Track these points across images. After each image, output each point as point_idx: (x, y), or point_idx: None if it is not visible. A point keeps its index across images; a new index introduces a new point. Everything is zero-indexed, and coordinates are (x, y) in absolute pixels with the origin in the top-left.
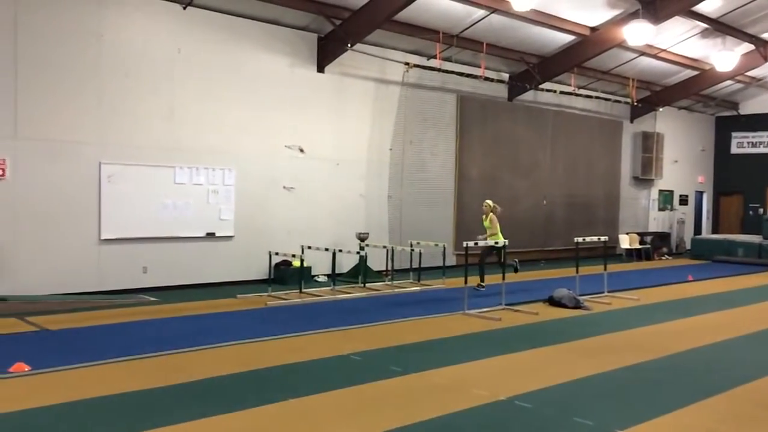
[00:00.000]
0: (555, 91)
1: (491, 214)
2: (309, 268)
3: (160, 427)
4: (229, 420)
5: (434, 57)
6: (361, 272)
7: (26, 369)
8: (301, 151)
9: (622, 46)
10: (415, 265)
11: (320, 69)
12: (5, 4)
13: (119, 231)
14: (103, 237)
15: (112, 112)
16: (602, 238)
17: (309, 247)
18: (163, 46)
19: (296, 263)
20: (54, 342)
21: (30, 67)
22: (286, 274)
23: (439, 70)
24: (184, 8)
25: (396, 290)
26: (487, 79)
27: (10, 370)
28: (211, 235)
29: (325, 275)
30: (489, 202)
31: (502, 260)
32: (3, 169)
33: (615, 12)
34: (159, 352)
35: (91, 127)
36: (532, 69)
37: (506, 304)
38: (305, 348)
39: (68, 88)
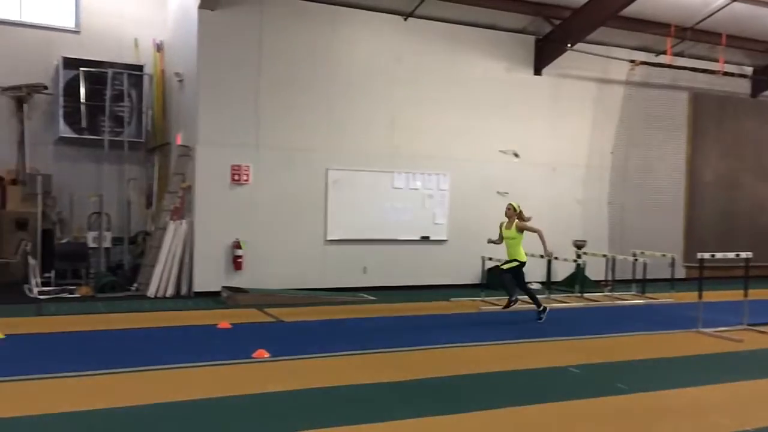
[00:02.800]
0: None
1: (517, 220)
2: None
3: (383, 422)
4: (446, 422)
5: (664, 52)
6: (578, 281)
7: (266, 355)
8: (516, 155)
9: None
10: (639, 276)
11: (537, 71)
12: (253, 29)
13: (343, 233)
14: (328, 238)
15: (339, 122)
16: None
17: None
18: (385, 56)
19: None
20: (289, 332)
21: (270, 83)
22: (498, 279)
23: (669, 66)
24: (405, 19)
25: (617, 302)
26: (726, 73)
27: (253, 355)
28: (425, 239)
29: (538, 282)
30: (514, 203)
31: (506, 268)
32: (248, 175)
33: None
34: (381, 349)
35: (320, 136)
36: None
37: (749, 324)
38: (520, 356)
39: (302, 101)
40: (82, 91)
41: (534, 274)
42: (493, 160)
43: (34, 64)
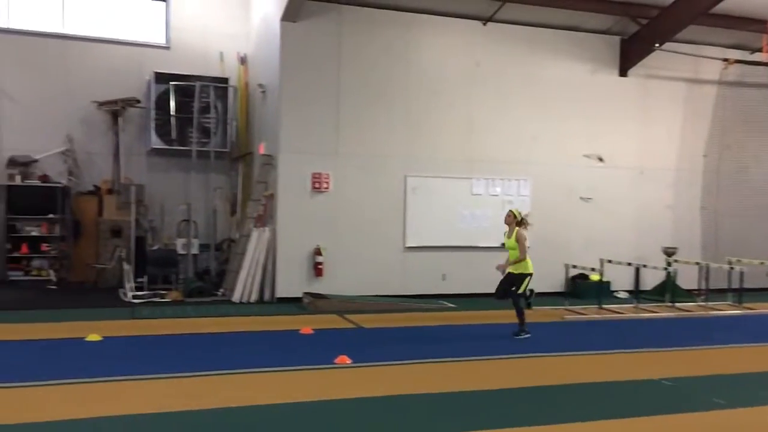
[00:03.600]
0: None
1: (517, 228)
2: (608, 283)
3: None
4: None
5: (759, 50)
6: (668, 290)
7: (348, 362)
8: (600, 159)
9: None
10: (735, 285)
11: (623, 73)
12: (332, 38)
13: (421, 239)
14: (407, 245)
15: (417, 128)
16: None
17: (609, 261)
18: (463, 61)
19: (594, 277)
20: (370, 339)
21: (349, 91)
22: (582, 287)
23: (765, 64)
24: (484, 24)
25: (711, 312)
26: None
27: (335, 361)
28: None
29: (626, 291)
30: (514, 210)
31: (520, 295)
32: (328, 182)
33: None
34: (464, 357)
35: (398, 142)
36: None
37: None
38: (609, 367)
39: (380, 108)
40: (172, 104)
41: (621, 282)
42: (577, 165)
43: (128, 79)
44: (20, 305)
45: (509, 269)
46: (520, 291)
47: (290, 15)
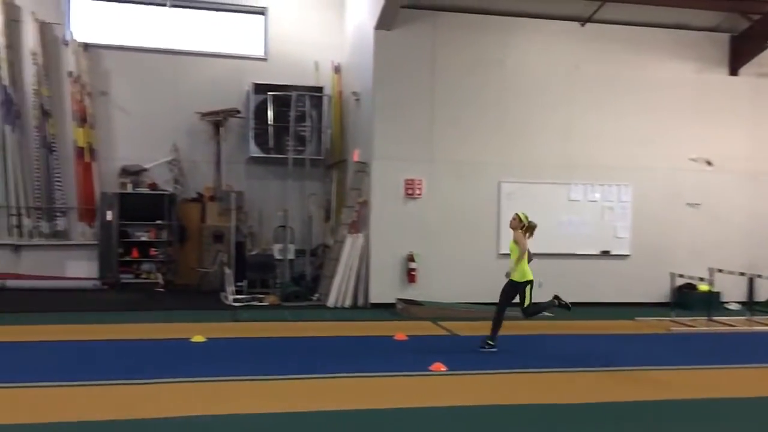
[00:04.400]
0: None
1: (518, 231)
2: (718, 294)
3: None
4: None
5: None
6: None
7: (443, 369)
8: (709, 164)
9: None
10: None
11: (733, 72)
12: (426, 44)
13: None
14: (501, 251)
15: (512, 133)
16: None
17: (719, 270)
18: (560, 64)
19: (703, 287)
20: (464, 346)
21: (443, 97)
22: (690, 298)
23: None
24: (582, 25)
25: None
26: None
27: (430, 368)
28: (605, 253)
29: (738, 302)
30: (521, 214)
31: (525, 305)
32: (421, 189)
33: None
34: (561, 368)
35: (493, 148)
36: None
37: None
38: (720, 383)
39: (474, 113)
40: (270, 113)
41: (732, 292)
42: (682, 169)
43: (229, 90)
44: (131, 306)
45: (511, 276)
46: (527, 304)
47: (384, 23)
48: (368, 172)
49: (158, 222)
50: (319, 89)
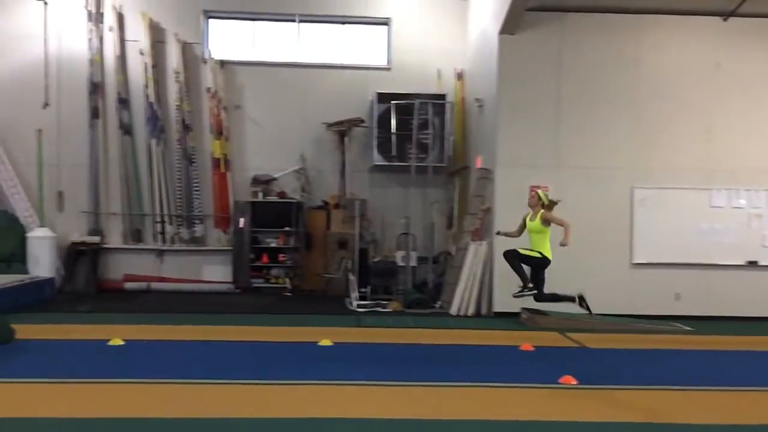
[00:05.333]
0: None
1: (543, 211)
2: None
3: None
4: None
5: None
6: None
7: (573, 382)
8: None
9: None
10: None
11: None
12: (552, 47)
13: (651, 255)
14: (634, 261)
15: (646, 136)
16: None
17: None
18: (700, 62)
19: None
20: (595, 359)
21: (571, 101)
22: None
23: None
24: (725, 20)
25: None
26: None
27: (560, 381)
28: (753, 264)
29: None
30: (540, 192)
31: (538, 288)
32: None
33: None
34: (699, 387)
35: (625, 152)
36: None
37: None
38: None
39: (606, 117)
40: (393, 122)
41: None
42: None
43: (354, 100)
44: (262, 310)
45: (528, 252)
46: (523, 253)
47: (509, 28)
48: (491, 179)
49: (286, 229)
50: (442, 96)
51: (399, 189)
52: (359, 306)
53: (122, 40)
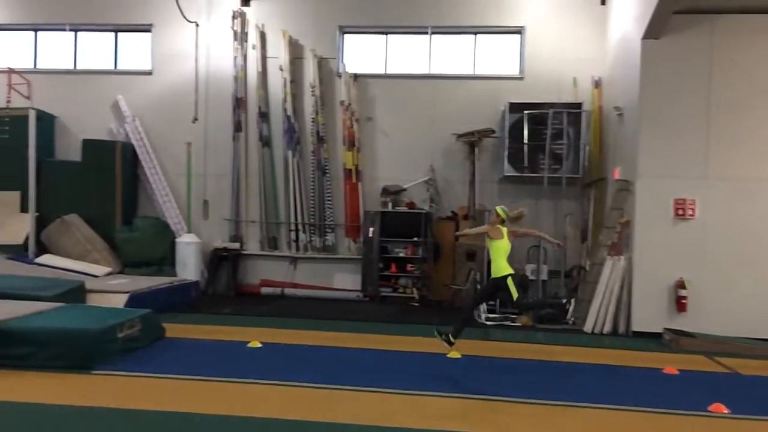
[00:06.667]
0: None
1: (506, 226)
2: None
3: None
4: None
5: None
6: None
7: (725, 411)
8: None
9: None
10: None
11: None
12: (701, 51)
13: None
14: None
15: None
16: None
17: None
18: None
19: None
20: (748, 387)
21: (722, 108)
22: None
23: None
24: None
25: None
26: None
27: (709, 409)
28: None
29: None
30: (498, 209)
31: (515, 298)
32: (693, 209)
33: None
34: None
35: None
36: None
37: None
38: None
39: (761, 123)
40: (525, 132)
41: None
42: None
43: (484, 111)
44: (390, 318)
45: (493, 275)
46: (516, 297)
47: (653, 32)
48: (631, 191)
49: (415, 239)
50: (578, 105)
51: (530, 200)
52: (487, 319)
53: (264, 58)
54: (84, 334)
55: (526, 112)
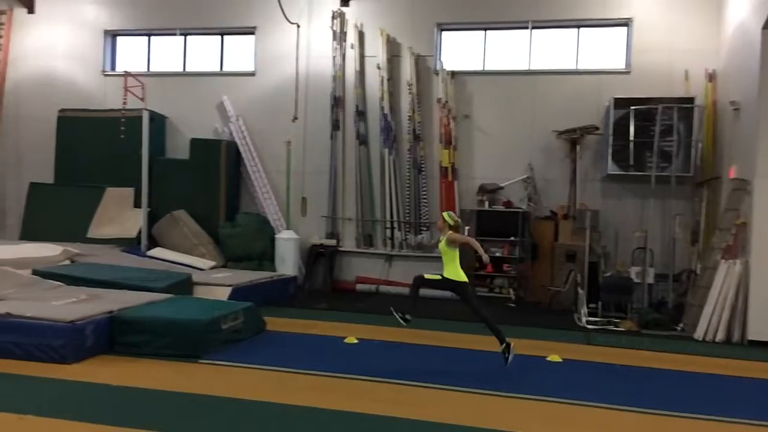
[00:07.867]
0: None
1: (450, 232)
2: None
3: None
4: None
5: None
6: None
7: None
8: None
9: None
10: None
11: None
12: None
13: None
14: None
15: None
16: None
17: None
18: None
19: None
20: None
21: None
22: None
23: None
24: None
25: None
26: None
27: None
28: None
29: None
30: (445, 214)
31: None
32: None
33: None
34: None
35: None
36: None
37: None
38: None
39: None
40: (631, 128)
41: None
42: None
43: (586, 107)
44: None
45: (445, 275)
46: (428, 277)
47: None
48: (749, 191)
49: (512, 239)
50: (690, 100)
51: (635, 200)
52: (588, 322)
53: (362, 56)
54: (193, 324)
55: (632, 107)
